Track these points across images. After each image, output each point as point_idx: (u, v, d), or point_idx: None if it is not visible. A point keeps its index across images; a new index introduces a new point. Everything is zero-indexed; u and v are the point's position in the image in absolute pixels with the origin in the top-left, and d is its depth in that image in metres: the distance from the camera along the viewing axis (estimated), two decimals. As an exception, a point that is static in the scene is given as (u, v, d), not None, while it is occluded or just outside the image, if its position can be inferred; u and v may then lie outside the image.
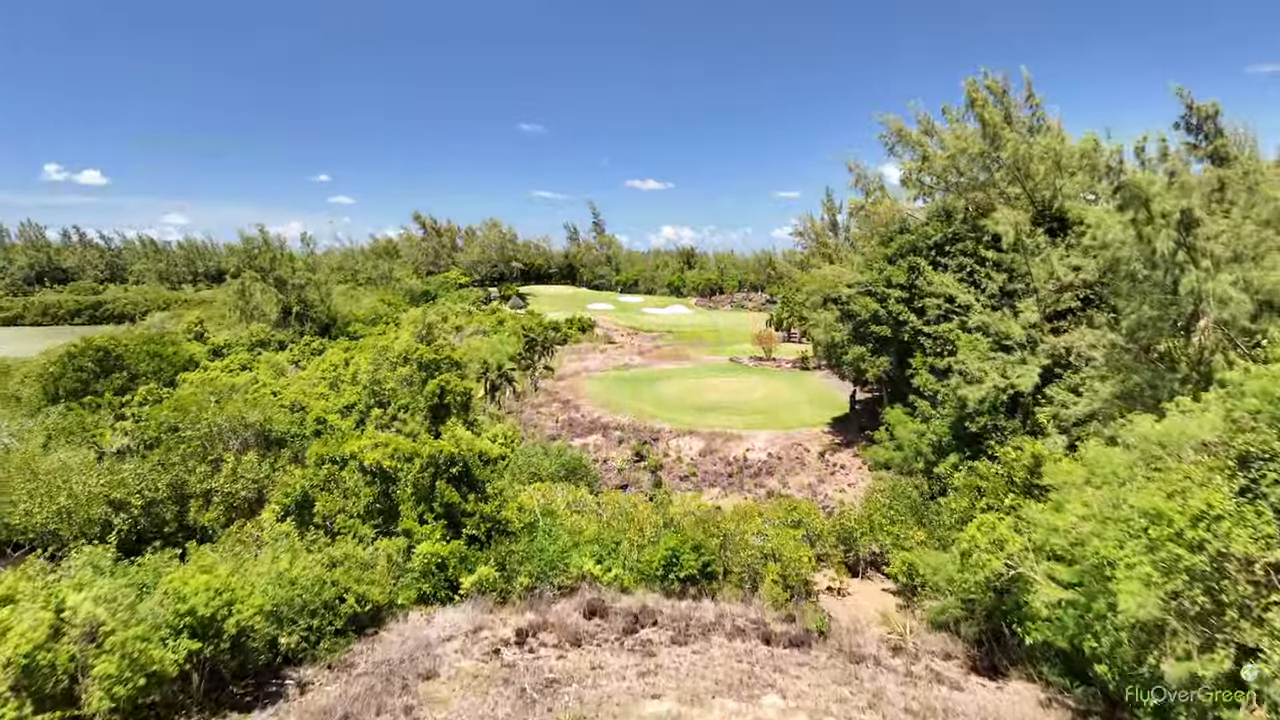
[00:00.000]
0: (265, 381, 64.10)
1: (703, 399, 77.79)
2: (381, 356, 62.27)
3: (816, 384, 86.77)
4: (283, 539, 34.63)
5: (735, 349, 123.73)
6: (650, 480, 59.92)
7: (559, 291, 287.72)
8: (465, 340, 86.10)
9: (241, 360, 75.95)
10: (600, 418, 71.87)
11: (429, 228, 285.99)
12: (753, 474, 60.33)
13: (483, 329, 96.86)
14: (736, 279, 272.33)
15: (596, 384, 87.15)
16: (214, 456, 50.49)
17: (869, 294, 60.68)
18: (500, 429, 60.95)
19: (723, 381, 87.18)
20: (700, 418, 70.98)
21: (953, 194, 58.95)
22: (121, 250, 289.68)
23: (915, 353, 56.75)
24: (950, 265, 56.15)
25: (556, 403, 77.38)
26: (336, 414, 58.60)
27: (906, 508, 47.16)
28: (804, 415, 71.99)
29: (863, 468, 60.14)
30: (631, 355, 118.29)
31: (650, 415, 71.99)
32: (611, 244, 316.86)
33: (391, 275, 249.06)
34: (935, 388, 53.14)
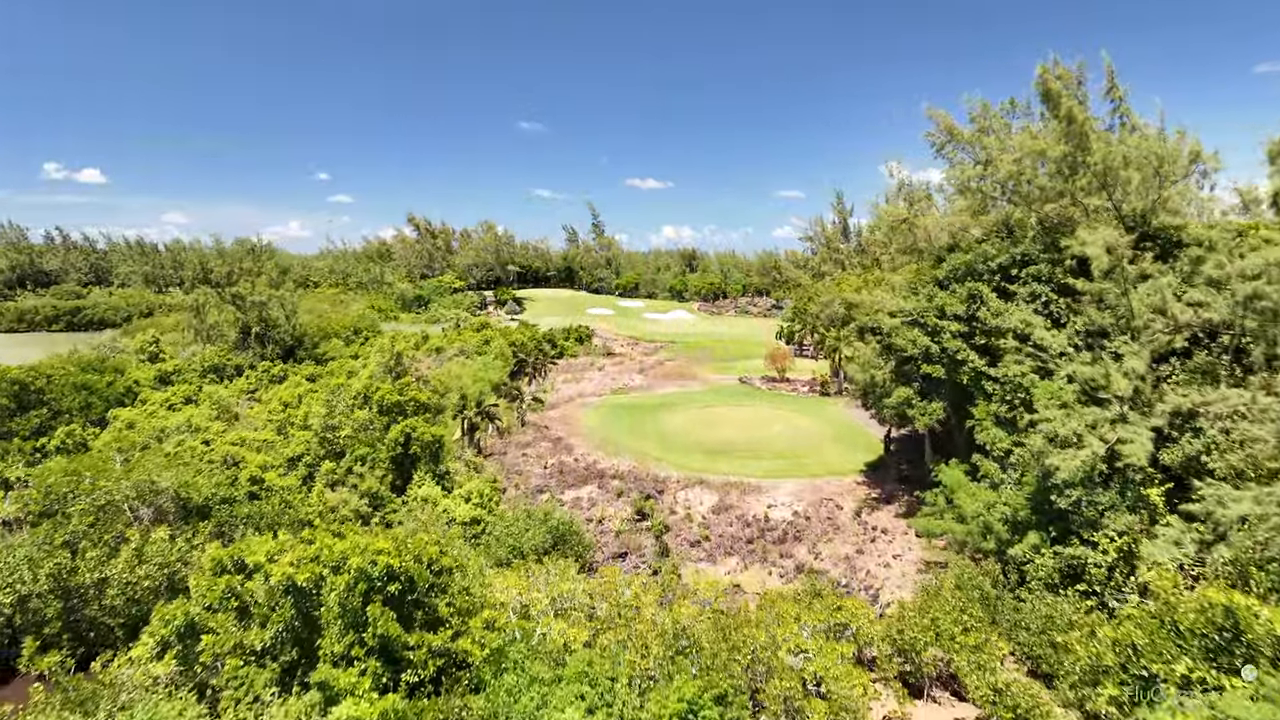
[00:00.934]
0: (200, 425, 53.92)
1: (713, 436, 67.55)
2: (336, 397, 52.07)
3: (840, 416, 76.52)
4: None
5: (745, 366, 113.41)
6: (654, 547, 49.70)
7: (557, 295, 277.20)
8: (445, 365, 75.95)
9: (186, 392, 65.77)
10: (596, 462, 61.62)
11: (423, 229, 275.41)
12: (776, 538, 50.07)
13: (466, 350, 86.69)
14: (740, 283, 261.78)
15: (593, 415, 76.88)
16: (114, 534, 40.46)
17: (917, 325, 50.45)
18: (476, 484, 50.69)
19: (735, 412, 76.94)
20: (711, 462, 60.75)
21: (1020, 205, 48.65)
22: (107, 252, 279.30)
23: (977, 399, 46.59)
24: (1020, 294, 45.88)
25: (546, 441, 67.08)
26: (279, 470, 48.43)
27: (977, 601, 37.13)
28: (831, 459, 61.76)
29: (908, 532, 49.92)
30: (631, 374, 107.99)
31: (654, 458, 61.78)
32: (611, 245, 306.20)
33: (383, 279, 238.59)
34: (1004, 445, 42.99)
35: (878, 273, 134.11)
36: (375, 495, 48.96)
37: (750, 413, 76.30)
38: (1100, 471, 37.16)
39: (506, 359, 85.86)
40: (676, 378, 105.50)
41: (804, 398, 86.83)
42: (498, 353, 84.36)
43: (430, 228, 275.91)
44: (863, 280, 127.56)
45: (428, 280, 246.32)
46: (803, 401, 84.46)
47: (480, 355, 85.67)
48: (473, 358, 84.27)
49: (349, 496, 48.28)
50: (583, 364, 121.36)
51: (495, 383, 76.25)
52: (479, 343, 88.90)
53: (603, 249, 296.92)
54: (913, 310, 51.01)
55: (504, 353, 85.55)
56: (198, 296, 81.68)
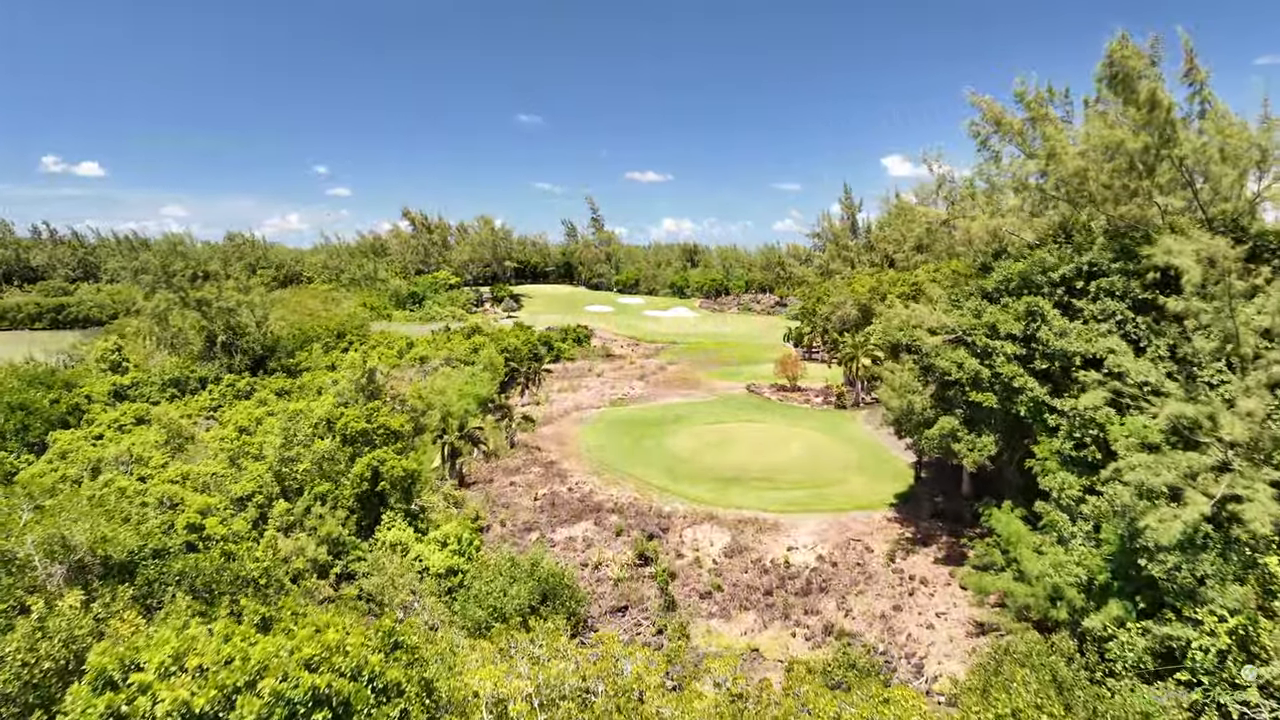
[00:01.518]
0: (142, 455, 47.02)
1: (724, 459, 60.71)
2: (294, 425, 45.14)
3: (861, 434, 69.67)
4: None
5: (752, 373, 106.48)
6: (659, 600, 42.93)
7: (556, 291, 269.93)
8: (428, 379, 69.08)
9: (139, 411, 58.92)
10: (593, 492, 54.77)
11: (419, 224, 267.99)
12: (799, 589, 43.28)
13: (454, 359, 79.77)
14: (743, 279, 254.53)
15: (590, 433, 69.99)
16: (12, 602, 33.69)
17: (963, 344, 43.51)
18: (453, 527, 43.83)
19: (746, 430, 70.07)
20: (722, 492, 53.92)
21: (1084, 206, 41.63)
22: (95, 247, 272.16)
23: (1037, 434, 39.73)
24: (1088, 311, 38.92)
25: (538, 466, 60.20)
26: (226, 512, 41.55)
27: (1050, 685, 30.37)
28: (856, 488, 54.94)
29: (951, 583, 43.13)
30: (632, 381, 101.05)
31: (658, 488, 54.96)
32: (611, 241, 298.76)
33: (376, 276, 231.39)
34: (1074, 491, 36.13)
35: (891, 272, 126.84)
36: (336, 541, 42.13)
37: (763, 431, 69.41)
38: (1204, 534, 30.40)
39: (497, 369, 78.89)
40: (680, 385, 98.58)
41: (819, 411, 79.92)
42: (486, 363, 77.40)
43: (426, 222, 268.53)
44: (876, 280, 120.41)
45: (423, 276, 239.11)
46: (818, 416, 77.56)
47: (468, 365, 78.76)
48: (460, 368, 77.36)
49: (306, 543, 41.44)
50: (581, 368, 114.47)
51: (484, 397, 69.38)
52: (467, 350, 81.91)
53: (602, 244, 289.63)
54: (957, 327, 44.04)
55: (494, 362, 78.57)
56: (158, 302, 74.65)
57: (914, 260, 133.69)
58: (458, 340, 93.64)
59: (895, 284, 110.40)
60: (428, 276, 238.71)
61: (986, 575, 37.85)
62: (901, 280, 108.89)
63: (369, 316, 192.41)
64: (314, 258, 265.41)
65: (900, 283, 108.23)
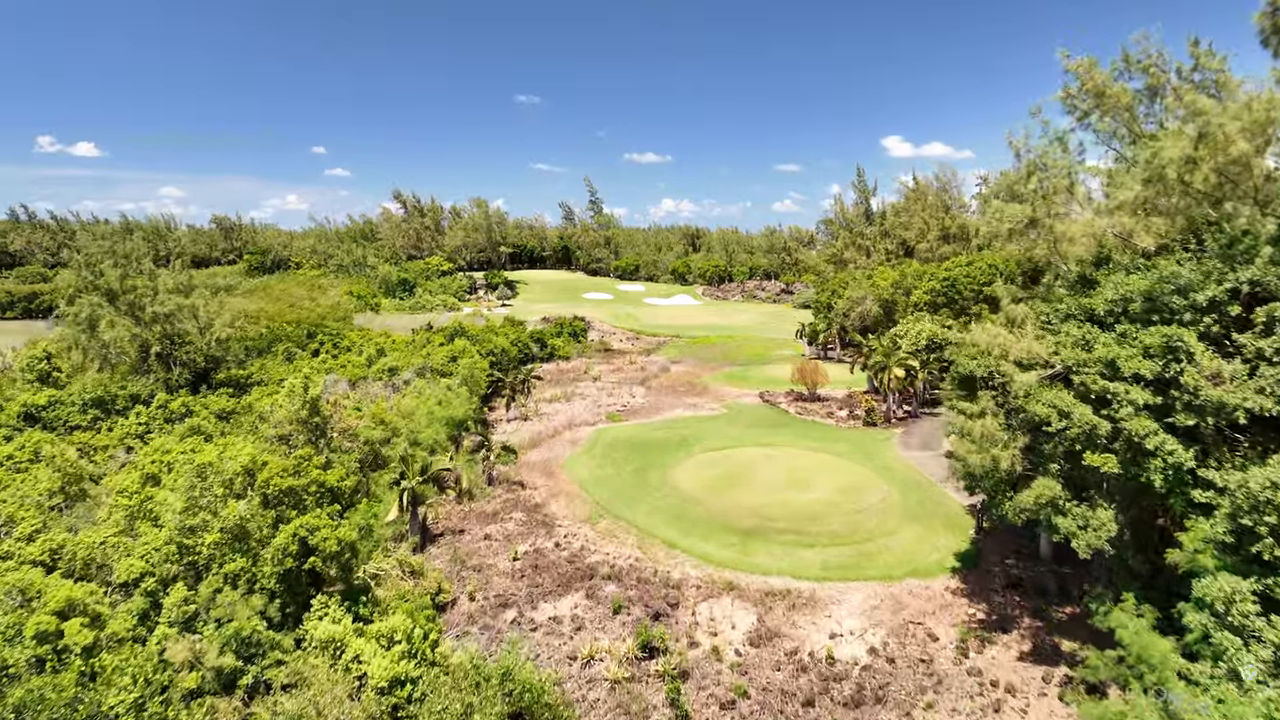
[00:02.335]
0: (11, 515, 36.68)
1: (742, 503, 50.47)
2: (202, 482, 34.81)
3: (899, 462, 59.39)
4: None
5: (763, 376, 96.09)
6: (669, 713, 32.89)
7: (553, 278, 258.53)
8: (396, 398, 58.79)
9: (41, 443, 48.45)
10: (585, 549, 44.56)
11: (411, 206, 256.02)
12: (849, 699, 33.19)
13: (430, 368, 69.28)
14: (747, 265, 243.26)
15: (584, 461, 59.67)
16: None
17: (1064, 382, 33.08)
18: (402, 620, 33.65)
19: (765, 458, 59.75)
20: (743, 549, 43.73)
21: (1246, 205, 30.96)
22: (76, 231, 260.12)
23: (1177, 509, 29.46)
24: (1253, 348, 28.45)
25: (519, 510, 49.91)
26: (98, 608, 31.35)
27: None
28: (907, 543, 44.73)
29: (1048, 694, 33.06)
30: (632, 386, 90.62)
31: (664, 542, 44.78)
32: (610, 224, 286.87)
33: (365, 262, 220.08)
34: (1247, 605, 25.98)
35: (914, 264, 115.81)
36: (249, 640, 31.94)
37: (785, 460, 59.05)
38: None
39: (477, 383, 68.39)
40: (685, 392, 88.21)
41: (845, 429, 69.57)
42: (466, 375, 66.86)
43: (418, 204, 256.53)
44: (900, 274, 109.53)
45: (414, 262, 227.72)
46: (845, 435, 67.23)
47: (445, 377, 68.30)
48: (435, 380, 66.89)
49: (207, 644, 31.27)
50: (576, 369, 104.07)
51: (460, 419, 59.01)
52: (444, 359, 71.33)
53: (601, 228, 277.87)
54: (1059, 360, 33.52)
55: (475, 374, 68.04)
56: (82, 306, 63.51)
57: (939, 250, 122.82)
58: (436, 345, 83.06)
59: (922, 278, 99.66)
60: (419, 262, 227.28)
61: (1110, 710, 27.70)
62: (929, 274, 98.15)
63: (355, 306, 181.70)
64: (303, 242, 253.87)
65: (928, 276, 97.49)
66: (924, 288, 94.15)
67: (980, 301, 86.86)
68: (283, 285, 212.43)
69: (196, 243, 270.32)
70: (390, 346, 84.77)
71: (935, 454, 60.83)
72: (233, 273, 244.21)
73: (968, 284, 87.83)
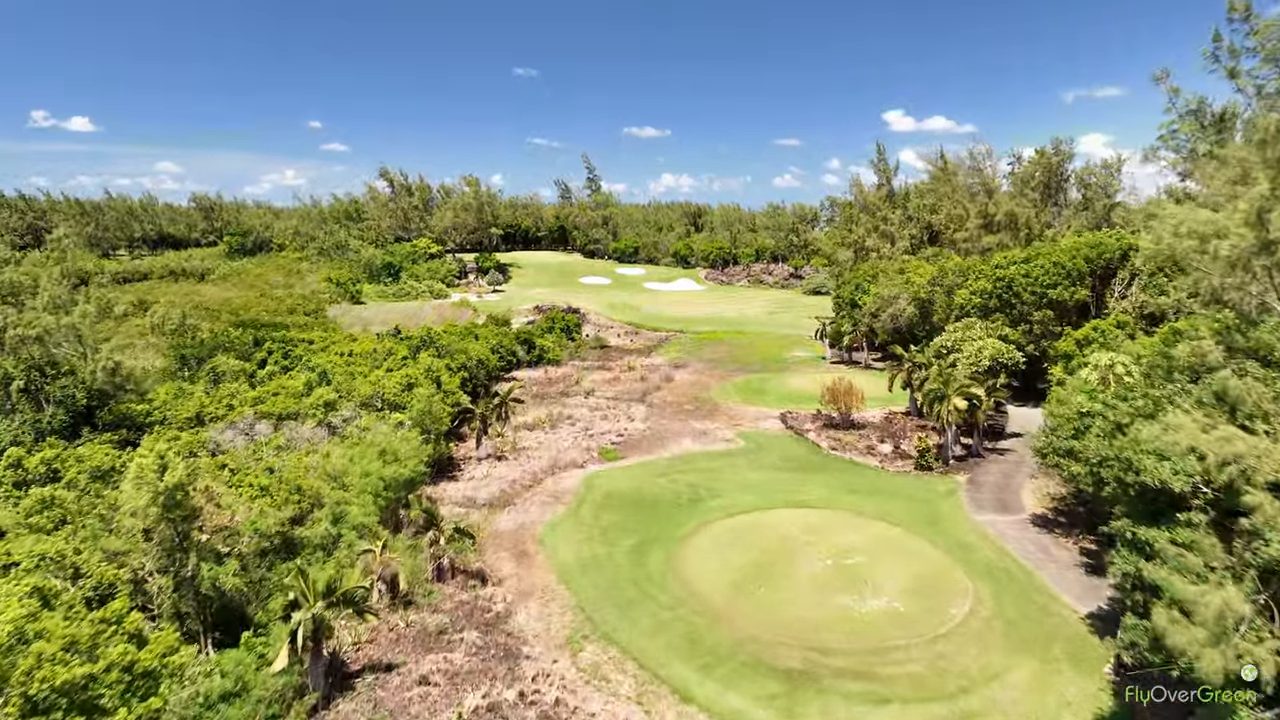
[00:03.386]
0: None
1: (779, 616, 36.43)
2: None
3: (973, 531, 45.32)
4: None
5: (783, 389, 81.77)
6: None
7: (548, 260, 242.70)
8: (327, 449, 44.66)
9: None
10: (561, 700, 30.63)
11: (398, 185, 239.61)
12: None
13: (380, 399, 55.05)
14: (752, 247, 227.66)
15: (566, 533, 45.64)
16: None
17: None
18: None
19: (802, 525, 45.62)
20: (788, 710, 29.85)
21: None
22: (45, 210, 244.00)
23: None
24: None
25: (475, 627, 35.83)
26: None
27: None
28: (1022, 696, 30.74)
29: None
30: (631, 406, 76.38)
31: (677, 692, 30.85)
32: (608, 203, 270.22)
33: (348, 245, 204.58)
34: None
35: (954, 257, 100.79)
36: None
37: (830, 532, 44.91)
38: None
39: (437, 419, 54.01)
40: (693, 411, 74.04)
41: (895, 475, 55.48)
42: (422, 411, 52.42)
43: (406, 183, 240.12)
44: (939, 269, 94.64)
45: (400, 244, 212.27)
46: (899, 487, 53.14)
47: (399, 412, 54.00)
48: (385, 417, 52.65)
49: None
50: (566, 377, 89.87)
51: (406, 478, 44.83)
52: (399, 386, 56.95)
53: (598, 206, 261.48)
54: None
55: (434, 408, 53.68)
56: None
57: (982, 241, 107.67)
58: (399, 358, 68.58)
59: (967, 276, 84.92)
60: (406, 245, 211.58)
61: None
62: (975, 270, 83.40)
63: (333, 294, 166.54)
64: (283, 223, 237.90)
65: (975, 274, 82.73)
66: (972, 287, 79.50)
67: (1044, 307, 72.35)
68: (260, 270, 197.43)
69: (175, 223, 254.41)
70: (343, 363, 70.41)
71: (1018, 519, 46.81)
72: (211, 255, 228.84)
73: (1027, 286, 73.20)
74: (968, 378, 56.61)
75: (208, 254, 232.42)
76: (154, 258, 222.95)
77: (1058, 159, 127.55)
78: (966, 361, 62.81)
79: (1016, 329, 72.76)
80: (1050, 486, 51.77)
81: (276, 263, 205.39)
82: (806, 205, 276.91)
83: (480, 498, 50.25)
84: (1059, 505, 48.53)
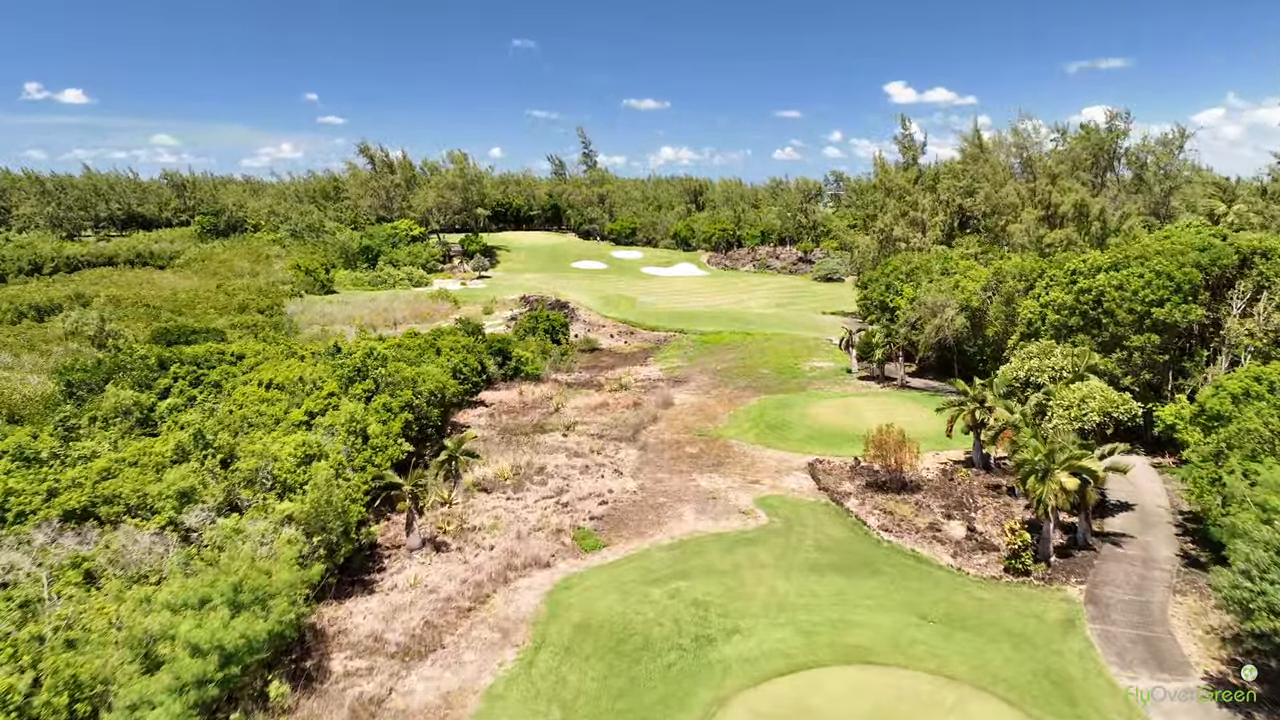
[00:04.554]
0: None
1: None
2: None
3: (1101, 683, 29.45)
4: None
5: (808, 422, 65.30)
6: None
7: (540, 242, 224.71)
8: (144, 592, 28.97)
9: None
10: None
11: (379, 162, 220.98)
12: None
13: (267, 475, 38.84)
14: (758, 228, 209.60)
15: (512, 714, 29.79)
16: None
17: None
18: None
19: (868, 700, 29.73)
20: None
21: None
22: (5, 189, 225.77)
23: None
24: None
25: None
26: None
27: None
28: None
29: None
30: (619, 448, 60.27)
31: None
32: (604, 180, 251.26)
33: (321, 228, 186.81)
34: None
35: (1013, 257, 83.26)
36: None
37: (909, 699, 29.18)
38: None
39: (341, 511, 37.53)
40: (697, 458, 57.99)
41: (977, 585, 39.43)
42: (318, 500, 36.08)
43: (388, 159, 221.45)
44: (995, 271, 77.61)
45: (381, 225, 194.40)
46: (994, 613, 37.05)
47: (287, 499, 37.83)
48: (260, 509, 36.53)
49: None
50: (543, 400, 73.82)
51: (265, 639, 28.74)
52: (294, 459, 40.34)
53: (594, 183, 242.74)
54: None
55: (335, 495, 37.36)
56: None
57: (1044, 238, 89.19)
58: (319, 400, 52.12)
59: (1035, 282, 68.14)
60: (386, 226, 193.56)
61: None
62: (1047, 275, 66.56)
63: (300, 284, 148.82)
64: (257, 203, 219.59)
65: (1048, 280, 65.96)
66: (1043, 298, 62.88)
67: (1147, 330, 55.79)
68: (227, 255, 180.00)
69: (145, 201, 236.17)
70: (255, 400, 54.11)
71: (1187, 686, 30.79)
72: (183, 236, 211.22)
73: (1122, 301, 56.60)
74: (1072, 457, 40.19)
75: (179, 235, 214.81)
76: (122, 239, 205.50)
77: (1111, 136, 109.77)
78: (1063, 413, 46.43)
79: (1109, 356, 56.33)
80: (1208, 611, 35.84)
81: (248, 246, 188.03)
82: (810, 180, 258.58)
83: (393, 637, 34.25)
84: (1238, 655, 32.45)
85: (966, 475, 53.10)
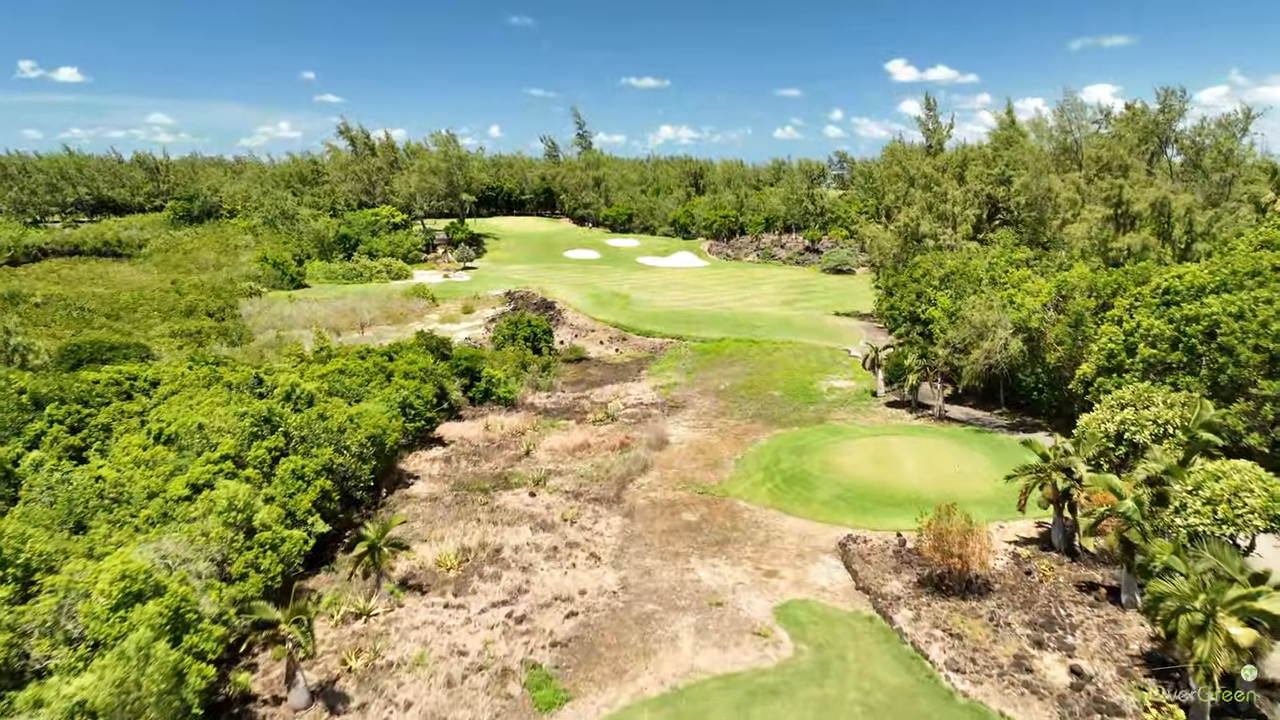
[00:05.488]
0: None
1: None
2: None
3: None
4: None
5: (831, 474, 51.89)
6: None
7: (531, 229, 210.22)
8: None
9: None
10: None
11: (359, 143, 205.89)
12: None
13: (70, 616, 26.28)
14: (761, 215, 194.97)
15: None
16: None
17: None
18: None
19: None
20: None
21: None
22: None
23: None
24: None
25: None
26: None
27: None
28: None
29: None
30: (599, 514, 47.22)
31: None
32: (600, 162, 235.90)
33: (295, 216, 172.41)
34: None
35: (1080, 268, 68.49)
36: None
37: None
38: None
39: (162, 686, 24.78)
40: (697, 528, 45.05)
41: (1106, 781, 26.69)
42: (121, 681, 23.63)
43: (369, 141, 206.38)
44: (1059, 283, 63.61)
45: (361, 212, 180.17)
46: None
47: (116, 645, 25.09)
48: (57, 686, 23.72)
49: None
50: (513, 439, 60.94)
51: None
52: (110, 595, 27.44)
53: (589, 166, 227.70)
54: None
55: (155, 665, 24.66)
56: None
57: (1113, 243, 74.83)
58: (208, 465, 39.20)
59: (1113, 299, 54.76)
60: (367, 213, 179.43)
61: None
62: (1132, 294, 53.18)
63: (266, 278, 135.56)
64: (233, 187, 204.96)
65: (1130, 297, 52.61)
66: (1127, 324, 49.48)
67: (1277, 374, 42.44)
68: (194, 244, 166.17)
69: (115, 185, 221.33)
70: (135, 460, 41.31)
71: None
72: (154, 223, 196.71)
73: (1244, 334, 43.29)
74: (1243, 600, 27.13)
75: (150, 221, 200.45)
76: (90, 226, 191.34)
77: (1165, 116, 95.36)
78: (1204, 510, 33.30)
79: (1228, 407, 43.10)
80: None
81: (218, 234, 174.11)
82: (814, 161, 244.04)
83: None
84: None
85: (1048, 566, 40.19)
